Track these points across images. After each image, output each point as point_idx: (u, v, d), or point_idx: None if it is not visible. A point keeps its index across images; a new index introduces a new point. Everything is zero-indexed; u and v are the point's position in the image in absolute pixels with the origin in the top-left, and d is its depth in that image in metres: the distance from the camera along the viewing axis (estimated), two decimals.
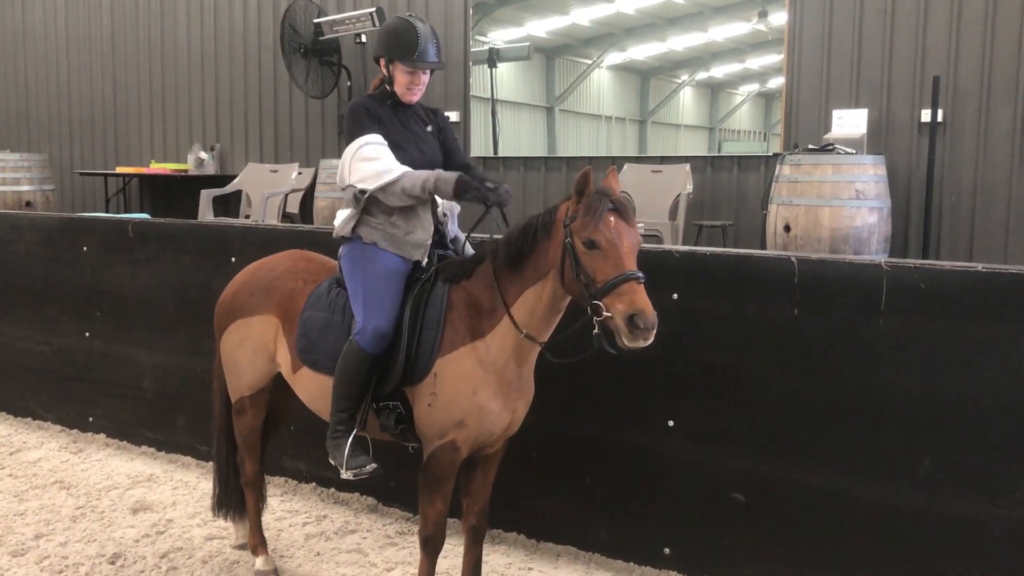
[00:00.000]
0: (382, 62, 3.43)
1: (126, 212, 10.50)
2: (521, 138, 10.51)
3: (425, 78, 3.42)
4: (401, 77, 3.39)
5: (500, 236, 3.18)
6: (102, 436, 5.54)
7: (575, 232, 2.87)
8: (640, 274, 2.78)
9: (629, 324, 2.72)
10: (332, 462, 3.28)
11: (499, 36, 9.64)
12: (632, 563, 3.85)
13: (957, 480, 3.19)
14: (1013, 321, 3.09)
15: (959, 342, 3.18)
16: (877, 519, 3.33)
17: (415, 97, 3.43)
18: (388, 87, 3.44)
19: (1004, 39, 6.41)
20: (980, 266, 3.20)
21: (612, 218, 2.85)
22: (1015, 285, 3.09)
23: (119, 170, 10.56)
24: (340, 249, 3.48)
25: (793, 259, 3.46)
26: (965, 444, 3.18)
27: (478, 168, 3.60)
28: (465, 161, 3.60)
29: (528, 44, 9.76)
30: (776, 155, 6.85)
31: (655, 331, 2.74)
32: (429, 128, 3.50)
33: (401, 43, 3.35)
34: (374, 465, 3.25)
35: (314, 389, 3.46)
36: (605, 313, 2.77)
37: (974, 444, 3.16)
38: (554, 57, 10.73)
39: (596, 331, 2.82)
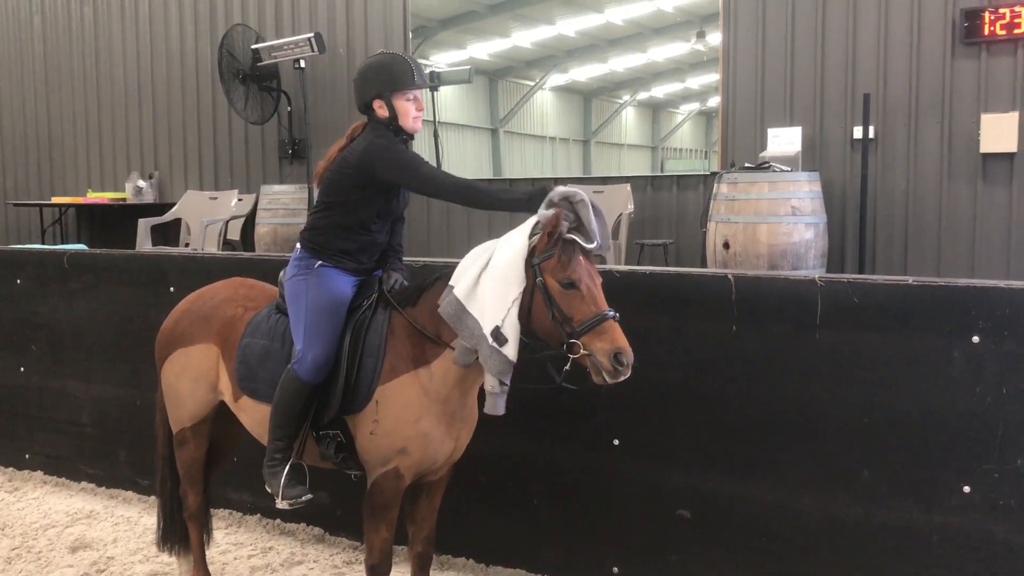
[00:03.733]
0: (377, 104, 3.27)
1: (63, 243, 10.28)
2: (467, 160, 10.54)
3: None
4: (405, 106, 3.27)
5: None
6: (39, 473, 5.40)
7: (548, 272, 2.89)
8: (615, 313, 2.87)
9: (613, 362, 2.80)
10: (268, 490, 3.26)
11: (441, 59, 9.67)
12: None
13: (895, 490, 3.25)
14: (944, 332, 3.16)
15: (893, 354, 3.24)
16: (819, 530, 3.38)
17: (420, 124, 3.36)
18: (390, 127, 3.28)
19: (929, 57, 6.62)
20: (911, 279, 3.28)
21: (581, 258, 2.91)
22: (945, 297, 3.17)
23: (55, 200, 10.36)
24: (281, 274, 3.44)
25: (730, 276, 3.51)
26: (902, 455, 3.24)
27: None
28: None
29: (469, 67, 9.79)
30: (714, 174, 6.97)
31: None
32: None
33: (397, 72, 3.26)
34: (310, 495, 3.23)
35: (256, 417, 3.42)
36: (582, 351, 2.83)
37: (911, 454, 3.23)
38: (497, 79, 10.80)
39: (567, 368, 2.89)
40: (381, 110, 3.29)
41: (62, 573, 4.11)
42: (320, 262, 3.31)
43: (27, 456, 5.46)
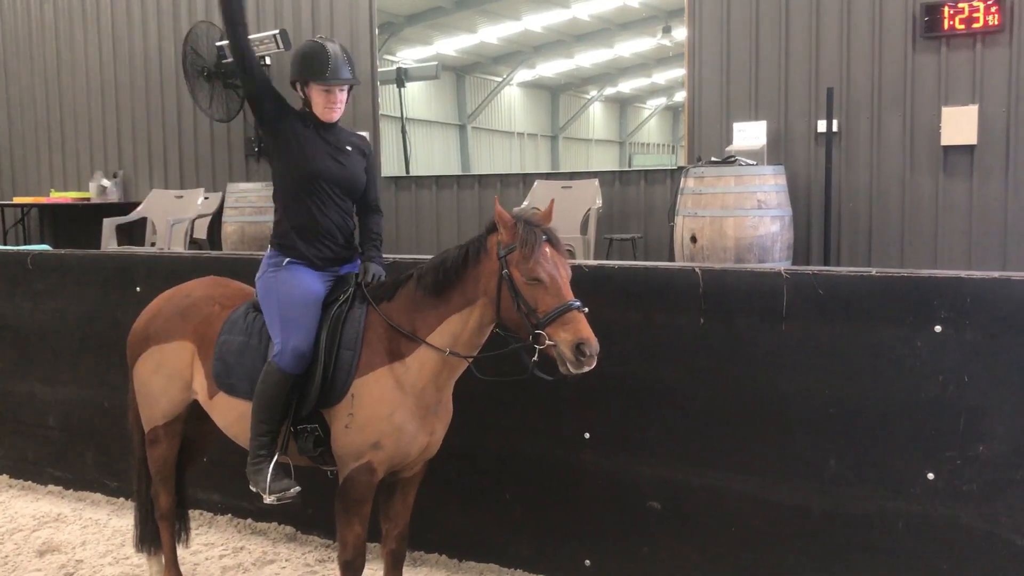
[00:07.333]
0: (298, 86, 3.44)
1: (26, 243, 10.14)
2: (435, 156, 10.52)
3: (342, 96, 3.43)
4: (317, 97, 3.40)
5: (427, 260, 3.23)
6: (5, 477, 5.33)
7: (513, 264, 2.93)
8: (580, 303, 2.88)
9: (576, 352, 2.81)
10: (253, 488, 3.23)
11: (408, 55, 9.65)
12: None
13: (861, 479, 3.31)
14: (906, 322, 3.22)
15: (857, 345, 3.29)
16: (788, 520, 3.42)
17: (335, 115, 3.43)
18: (307, 109, 3.44)
19: (890, 51, 6.71)
20: (874, 270, 3.33)
21: (548, 249, 2.94)
22: (907, 287, 3.22)
23: (16, 200, 10.21)
24: (257, 274, 3.46)
25: (697, 270, 3.54)
26: (867, 443, 3.29)
27: (379, 222, 3.62)
28: (373, 202, 3.60)
29: (436, 64, 9.79)
30: (681, 168, 7.02)
31: (597, 357, 2.84)
32: (349, 148, 3.48)
33: (313, 63, 3.37)
34: (298, 488, 3.22)
35: (232, 415, 3.41)
36: (548, 342, 2.85)
37: (876, 443, 3.28)
38: (464, 75, 10.78)
39: (535, 359, 2.92)
40: (300, 92, 3.46)
41: None
42: (288, 259, 3.37)
43: None
